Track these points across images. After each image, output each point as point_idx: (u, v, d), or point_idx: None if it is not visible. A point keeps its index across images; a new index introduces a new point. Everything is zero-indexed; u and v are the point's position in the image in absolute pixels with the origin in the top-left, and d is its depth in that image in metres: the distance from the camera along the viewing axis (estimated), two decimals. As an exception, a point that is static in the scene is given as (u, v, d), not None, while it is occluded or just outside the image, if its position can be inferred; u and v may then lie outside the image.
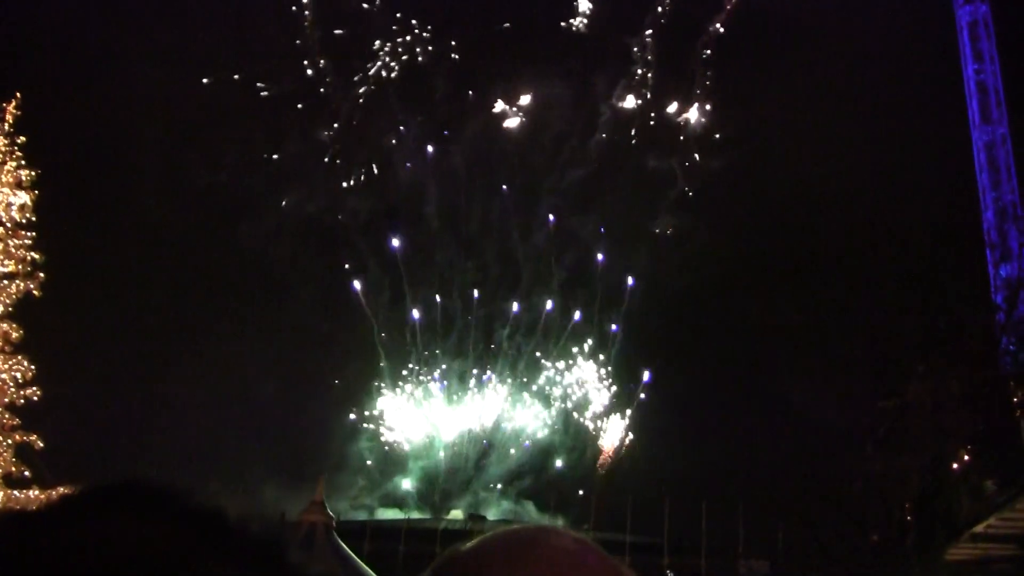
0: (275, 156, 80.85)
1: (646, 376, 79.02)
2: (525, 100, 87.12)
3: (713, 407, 56.72)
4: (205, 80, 73.98)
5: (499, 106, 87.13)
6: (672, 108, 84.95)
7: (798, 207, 60.47)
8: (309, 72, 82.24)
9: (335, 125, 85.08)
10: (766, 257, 55.50)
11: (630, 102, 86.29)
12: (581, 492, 77.23)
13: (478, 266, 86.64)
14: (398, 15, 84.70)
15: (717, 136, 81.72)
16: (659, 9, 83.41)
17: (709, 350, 60.93)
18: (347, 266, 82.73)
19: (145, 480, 1.53)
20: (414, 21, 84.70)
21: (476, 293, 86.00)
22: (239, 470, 60.15)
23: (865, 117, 67.64)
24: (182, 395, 61.62)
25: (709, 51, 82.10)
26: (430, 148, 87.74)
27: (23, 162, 33.06)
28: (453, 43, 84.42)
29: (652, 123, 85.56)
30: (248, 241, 73.31)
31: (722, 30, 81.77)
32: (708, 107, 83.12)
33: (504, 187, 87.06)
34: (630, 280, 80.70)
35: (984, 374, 41.17)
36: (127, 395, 59.79)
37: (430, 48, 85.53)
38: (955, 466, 41.57)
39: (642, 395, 79.99)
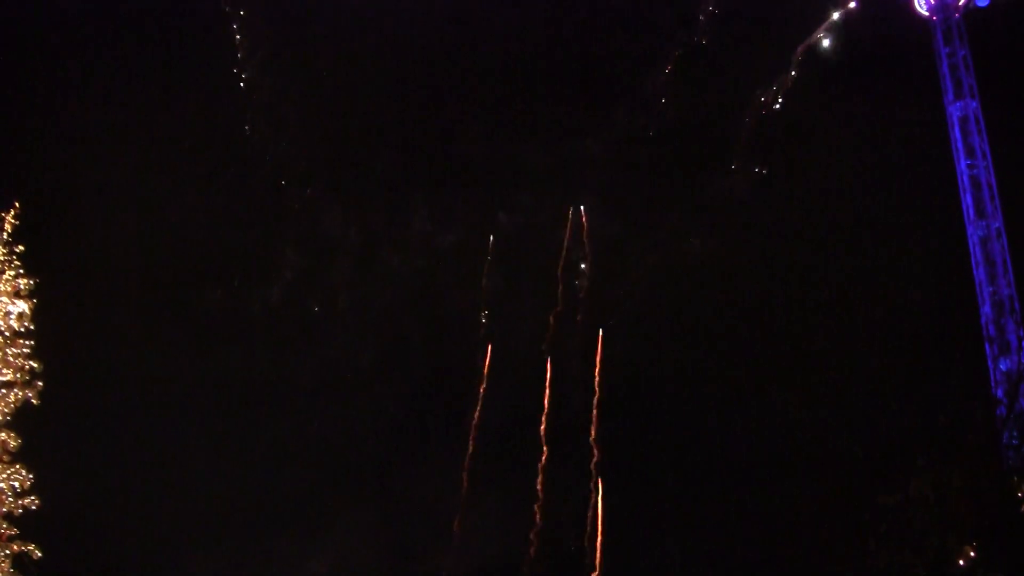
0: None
1: None
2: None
3: (709, 503, 56.25)
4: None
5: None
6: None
7: (794, 303, 60.67)
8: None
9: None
10: (762, 354, 55.54)
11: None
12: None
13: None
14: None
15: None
16: None
17: (705, 447, 60.54)
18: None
19: None
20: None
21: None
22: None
23: (861, 211, 68.13)
24: (182, 503, 61.21)
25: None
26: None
27: (21, 271, 33.42)
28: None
29: None
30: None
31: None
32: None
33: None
34: None
35: (986, 467, 40.92)
36: (125, 503, 59.35)
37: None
38: (960, 563, 41.07)
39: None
